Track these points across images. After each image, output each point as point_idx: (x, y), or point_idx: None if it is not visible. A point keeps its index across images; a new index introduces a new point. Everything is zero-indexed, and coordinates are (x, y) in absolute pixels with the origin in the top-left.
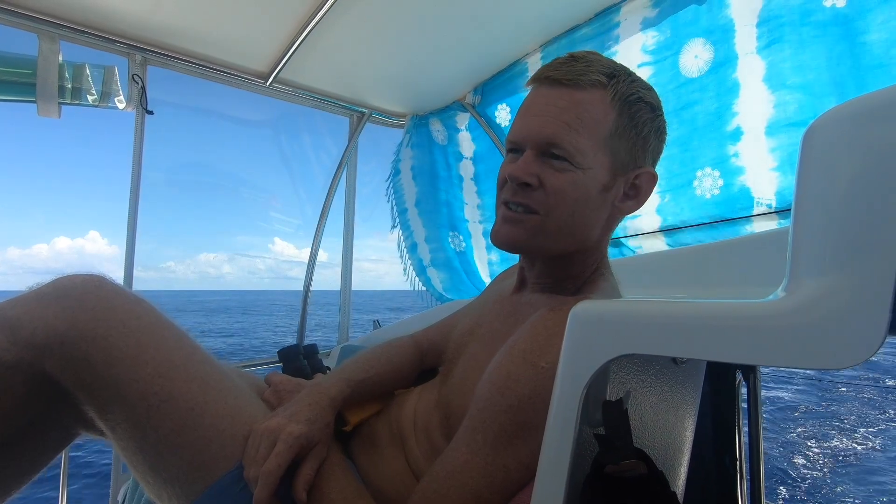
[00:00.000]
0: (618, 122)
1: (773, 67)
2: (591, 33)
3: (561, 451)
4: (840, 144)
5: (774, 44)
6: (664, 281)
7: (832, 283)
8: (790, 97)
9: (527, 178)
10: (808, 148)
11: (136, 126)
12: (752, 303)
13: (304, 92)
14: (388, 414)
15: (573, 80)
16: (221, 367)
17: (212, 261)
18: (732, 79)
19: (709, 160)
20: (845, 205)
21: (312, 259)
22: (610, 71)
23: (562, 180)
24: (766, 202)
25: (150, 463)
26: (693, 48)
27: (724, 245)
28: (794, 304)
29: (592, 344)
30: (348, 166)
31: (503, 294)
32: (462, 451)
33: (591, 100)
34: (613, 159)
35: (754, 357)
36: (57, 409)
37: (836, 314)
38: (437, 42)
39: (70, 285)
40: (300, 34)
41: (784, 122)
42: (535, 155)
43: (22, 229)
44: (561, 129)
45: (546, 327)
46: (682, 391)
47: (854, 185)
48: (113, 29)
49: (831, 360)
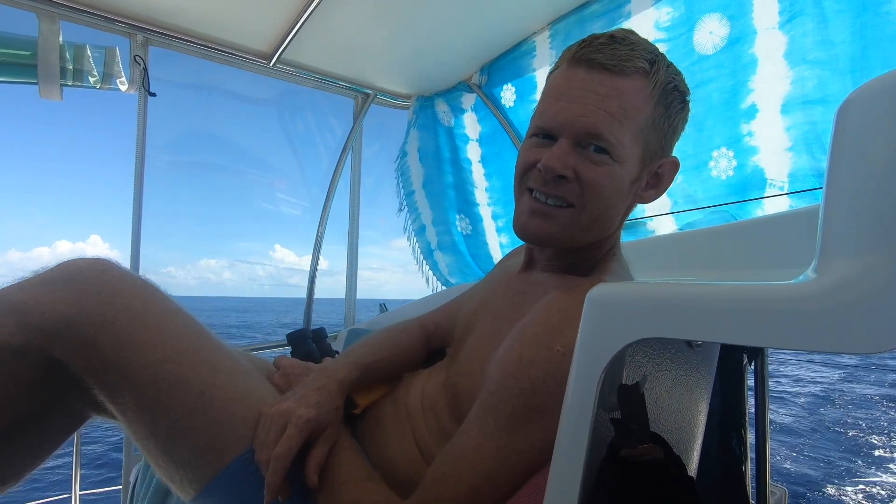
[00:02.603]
0: (654, 112)
1: (794, 42)
2: (601, 10)
3: (578, 436)
4: (876, 119)
5: (796, 17)
6: (677, 263)
7: (867, 263)
8: (809, 73)
9: (564, 171)
10: (842, 122)
11: (139, 108)
12: (781, 284)
13: (308, 72)
14: (396, 395)
15: (617, 65)
16: (230, 350)
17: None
18: (749, 54)
19: (724, 140)
20: (880, 182)
21: (319, 240)
22: (652, 56)
23: (599, 174)
24: (780, 184)
25: (161, 447)
26: (708, 24)
27: (736, 227)
28: (826, 284)
29: (610, 328)
30: (353, 147)
31: (510, 273)
32: (474, 434)
33: (633, 88)
34: (644, 150)
35: (787, 341)
36: (67, 393)
37: (872, 295)
38: (443, 21)
39: (76, 269)
40: (303, 14)
41: (801, 98)
42: (571, 145)
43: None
44: (604, 119)
45: (560, 310)
46: (696, 375)
47: (890, 161)
48: (113, 8)
49: (868, 344)
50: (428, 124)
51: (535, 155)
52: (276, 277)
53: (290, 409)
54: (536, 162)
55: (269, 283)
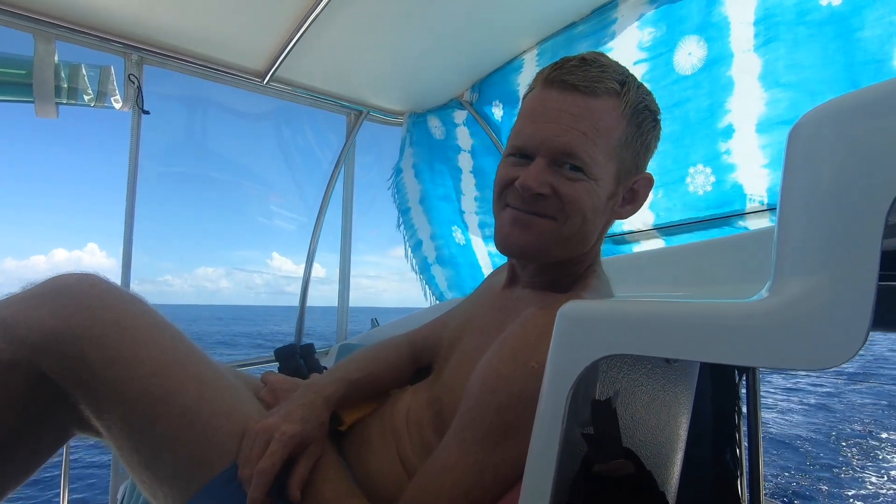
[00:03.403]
0: (627, 131)
1: (769, 65)
2: (587, 30)
3: (548, 450)
4: (823, 142)
5: (771, 42)
6: (659, 279)
7: (815, 281)
8: (782, 95)
9: (541, 189)
10: (792, 145)
11: (133, 126)
12: (736, 303)
13: (301, 90)
14: (382, 412)
15: (589, 86)
16: (217, 366)
17: (209, 275)
18: (726, 76)
19: (700, 157)
20: (828, 202)
21: (311, 254)
22: (622, 78)
23: (576, 190)
24: (759, 198)
25: (146, 462)
26: (687, 45)
27: (718, 242)
28: (776, 303)
29: (579, 344)
30: (346, 164)
31: (494, 290)
32: (453, 450)
33: (605, 108)
34: (619, 167)
35: (738, 358)
36: (52, 409)
37: (818, 313)
38: (435, 40)
39: (65, 284)
40: (296, 32)
41: (775, 119)
42: (547, 163)
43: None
44: (578, 138)
45: (536, 325)
46: (674, 390)
47: (836, 182)
48: (109, 28)
49: (816, 361)
50: (421, 140)
51: (512, 172)
52: (274, 285)
53: (274, 424)
54: (514, 179)
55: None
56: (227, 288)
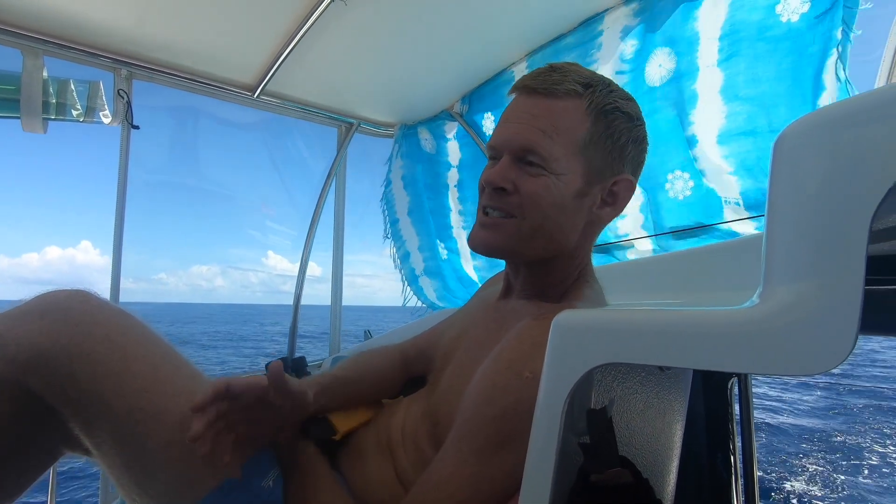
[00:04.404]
0: (593, 130)
1: (730, 80)
2: (574, 42)
3: (544, 460)
4: (808, 151)
5: (732, 57)
6: (652, 286)
7: (803, 288)
8: (741, 108)
9: (502, 183)
10: (778, 155)
11: (122, 141)
12: (727, 310)
13: (292, 104)
14: (377, 424)
15: (549, 89)
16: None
17: (204, 273)
18: (691, 90)
19: (677, 164)
20: (814, 210)
21: (302, 271)
22: (587, 81)
23: (535, 185)
24: (734, 200)
25: (137, 480)
26: (658, 58)
27: (708, 250)
28: (766, 311)
29: (574, 353)
30: (337, 177)
31: (488, 301)
32: (449, 462)
33: (565, 108)
34: (588, 166)
35: (730, 365)
36: (41, 428)
37: (807, 319)
38: (425, 52)
39: (54, 301)
40: (287, 46)
41: (735, 131)
42: (511, 161)
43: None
44: (535, 135)
45: (530, 336)
46: (668, 397)
47: (821, 190)
48: (98, 43)
49: (805, 367)
50: (412, 152)
51: (485, 175)
52: (269, 284)
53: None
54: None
55: (261, 290)
56: (222, 286)
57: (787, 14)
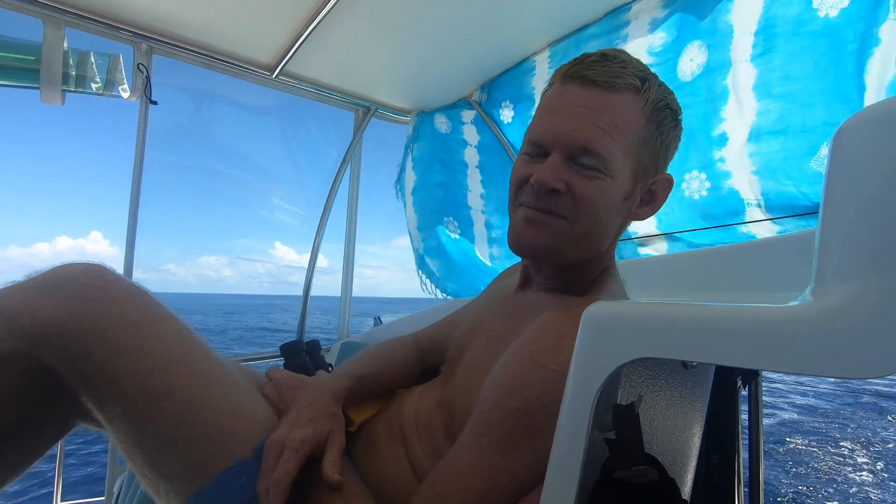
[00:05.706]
0: (646, 128)
1: (763, 76)
2: (599, 31)
3: (572, 456)
4: (870, 146)
5: (767, 53)
6: (669, 284)
7: (862, 288)
8: (773, 106)
9: (556, 185)
10: (837, 149)
11: (140, 115)
12: (776, 307)
13: (310, 85)
14: (389, 412)
15: (608, 81)
16: (222, 361)
17: (212, 264)
18: (722, 85)
19: (696, 163)
20: (875, 208)
21: (315, 252)
22: (643, 74)
23: (592, 188)
24: (755, 202)
25: (148, 457)
26: (690, 51)
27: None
28: (822, 309)
29: (607, 347)
30: (352, 162)
31: (505, 292)
32: (467, 453)
33: (624, 104)
34: (637, 166)
35: (779, 364)
36: (54, 400)
37: (866, 320)
38: (445, 39)
39: (70, 275)
40: (307, 27)
41: (766, 129)
42: (563, 159)
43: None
44: (595, 133)
45: (555, 329)
46: (690, 396)
47: (884, 187)
48: (119, 17)
49: (862, 370)
50: (426, 134)
51: (527, 170)
52: (276, 275)
53: (283, 434)
54: (529, 177)
55: (269, 280)
56: (230, 277)
57: (826, 9)
